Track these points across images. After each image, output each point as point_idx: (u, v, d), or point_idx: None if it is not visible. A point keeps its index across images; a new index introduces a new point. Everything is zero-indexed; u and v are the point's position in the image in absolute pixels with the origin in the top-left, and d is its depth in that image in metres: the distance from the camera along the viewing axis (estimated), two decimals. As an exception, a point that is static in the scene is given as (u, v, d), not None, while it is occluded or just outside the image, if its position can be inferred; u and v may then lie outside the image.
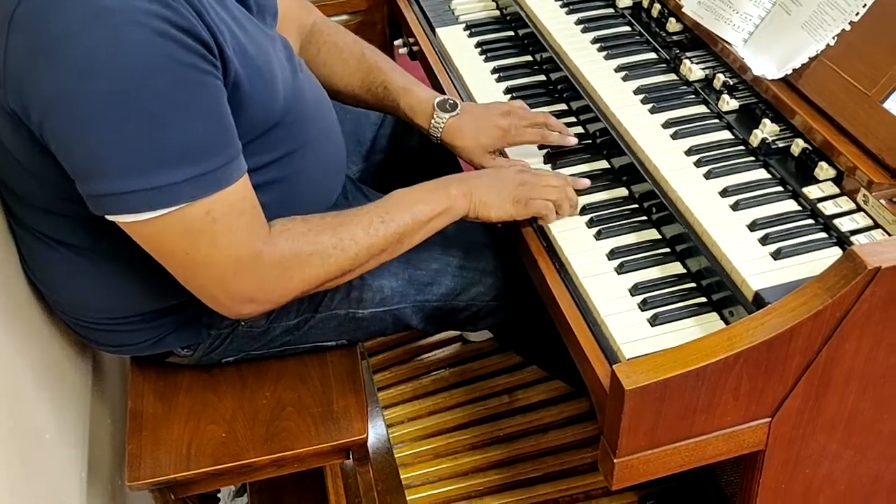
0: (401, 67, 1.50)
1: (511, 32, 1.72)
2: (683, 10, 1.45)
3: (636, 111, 1.37)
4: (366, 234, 1.19)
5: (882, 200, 1.12)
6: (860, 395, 1.07)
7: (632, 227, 1.27)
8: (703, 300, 1.15)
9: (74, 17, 0.94)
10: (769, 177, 1.24)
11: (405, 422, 1.88)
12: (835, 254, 1.12)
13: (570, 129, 1.44)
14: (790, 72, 1.28)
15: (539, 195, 1.26)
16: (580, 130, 1.46)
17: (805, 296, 0.97)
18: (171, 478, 1.30)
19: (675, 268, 1.21)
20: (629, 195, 1.33)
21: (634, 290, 1.16)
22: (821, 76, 1.25)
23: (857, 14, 1.23)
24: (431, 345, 2.03)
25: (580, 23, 1.58)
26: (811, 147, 1.22)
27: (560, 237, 1.26)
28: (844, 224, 1.14)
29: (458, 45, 1.68)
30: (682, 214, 1.21)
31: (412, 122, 1.44)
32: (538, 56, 1.63)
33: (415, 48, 1.79)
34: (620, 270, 1.20)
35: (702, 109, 1.37)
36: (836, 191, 1.19)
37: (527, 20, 1.64)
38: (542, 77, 1.59)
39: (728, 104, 1.34)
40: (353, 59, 1.50)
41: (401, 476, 1.76)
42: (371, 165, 1.65)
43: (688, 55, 1.43)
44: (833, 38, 1.25)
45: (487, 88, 1.56)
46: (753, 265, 1.11)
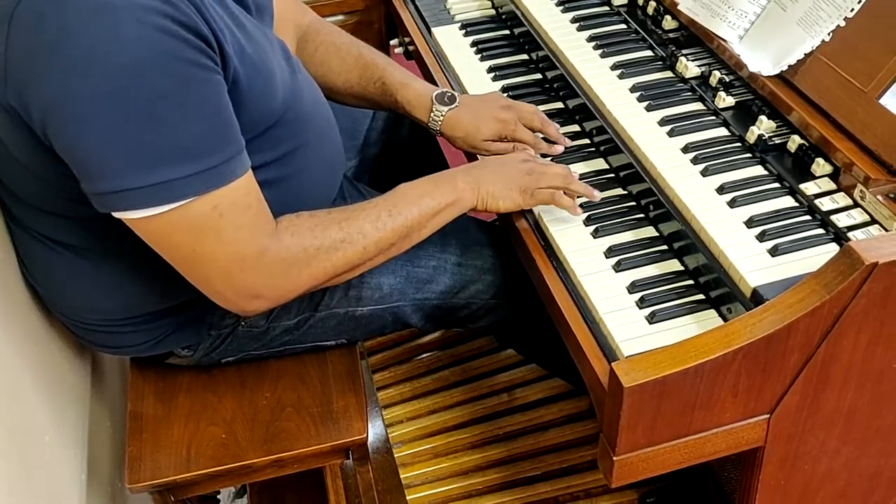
0: (396, 63, 1.50)
1: (507, 31, 1.72)
2: (679, 8, 1.45)
3: (632, 109, 1.37)
4: (374, 228, 1.19)
5: (879, 196, 1.12)
6: (858, 392, 1.07)
7: (629, 225, 1.27)
8: (701, 297, 1.15)
9: (74, 14, 0.94)
10: (766, 173, 1.24)
11: (404, 421, 1.88)
12: (832, 250, 1.12)
13: (566, 128, 1.44)
14: (786, 68, 1.28)
15: (546, 183, 1.26)
16: (577, 129, 1.46)
17: (803, 292, 0.97)
18: (172, 479, 1.30)
19: (673, 265, 1.21)
20: (626, 193, 1.33)
21: (632, 288, 1.16)
22: (817, 72, 1.25)
23: (852, 10, 1.23)
24: (430, 344, 2.03)
25: (576, 21, 1.58)
26: (808, 143, 1.23)
27: (557, 235, 1.26)
28: (841, 220, 1.14)
29: (454, 45, 1.68)
30: (680, 212, 1.21)
31: (411, 117, 1.44)
32: (534, 55, 1.63)
33: (411, 48, 1.79)
34: (618, 268, 1.20)
35: (698, 106, 1.37)
36: (833, 187, 1.19)
37: (522, 19, 1.64)
38: (538, 76, 1.59)
39: (724, 101, 1.34)
40: (351, 58, 1.50)
41: (400, 475, 1.76)
42: (365, 159, 1.66)
43: (683, 52, 1.43)
44: (828, 34, 1.25)
45: (484, 87, 1.56)
46: (751, 262, 1.11)
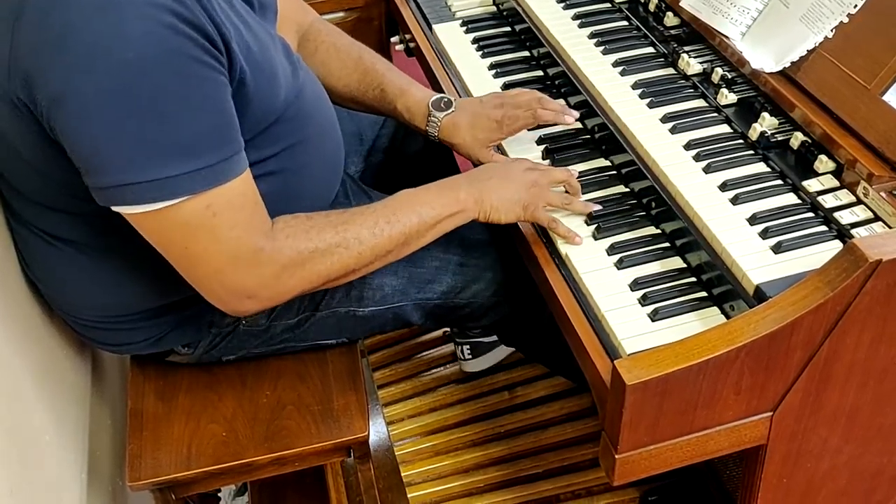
0: (397, 68, 1.49)
1: (508, 28, 1.71)
2: (681, 4, 1.45)
3: (634, 106, 1.37)
4: (371, 235, 1.18)
5: (882, 193, 1.12)
6: (861, 389, 1.07)
7: (631, 223, 1.26)
8: (704, 295, 1.15)
9: (79, 11, 0.95)
10: (769, 170, 1.24)
11: (405, 419, 1.88)
12: (835, 247, 1.11)
13: (568, 126, 1.43)
14: (788, 65, 1.27)
15: (548, 201, 1.26)
16: (578, 126, 1.45)
17: (806, 289, 0.97)
18: (172, 477, 1.30)
19: (676, 262, 1.20)
20: (628, 190, 1.33)
21: (635, 286, 1.16)
22: (819, 69, 1.24)
23: (855, 6, 1.23)
24: (431, 342, 2.03)
25: (577, 18, 1.57)
26: (810, 140, 1.22)
27: (559, 233, 1.26)
28: (845, 217, 1.13)
29: (455, 42, 1.68)
30: (682, 209, 1.21)
31: (410, 125, 1.44)
32: (535, 51, 1.62)
33: (412, 45, 1.79)
34: (620, 266, 1.19)
35: (700, 103, 1.36)
36: (836, 184, 1.18)
37: (524, 15, 1.64)
38: (540, 72, 1.59)
39: (726, 98, 1.33)
40: (351, 61, 1.49)
41: (401, 473, 1.76)
42: (371, 165, 1.65)
43: (686, 49, 1.43)
44: (831, 31, 1.25)
45: (485, 85, 1.56)
46: (754, 259, 1.10)
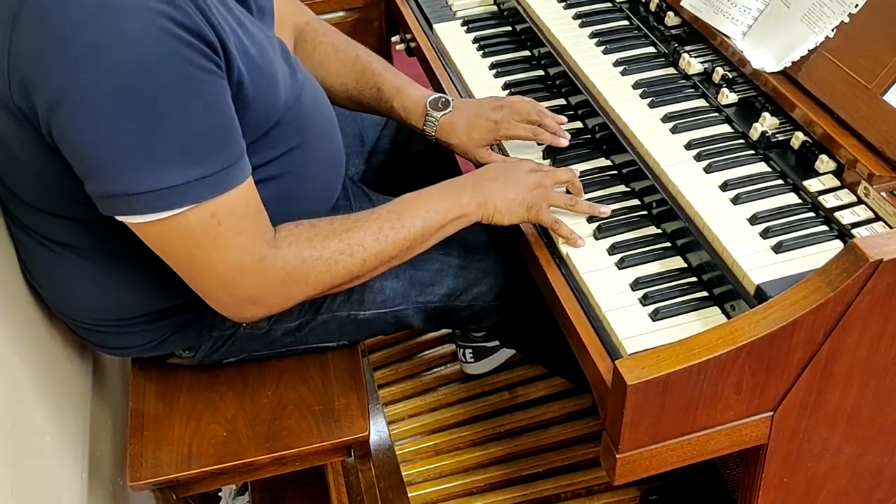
0: (394, 67, 1.49)
1: (508, 28, 1.71)
2: (682, 4, 1.45)
3: (635, 105, 1.37)
4: (375, 241, 1.18)
5: (883, 193, 1.12)
6: (862, 389, 1.07)
7: (632, 223, 1.26)
8: (705, 294, 1.15)
9: (79, 12, 0.94)
10: (769, 170, 1.24)
11: (406, 419, 1.88)
12: (836, 247, 1.11)
13: (569, 125, 1.43)
14: (789, 65, 1.27)
15: (552, 202, 1.25)
16: (579, 125, 1.45)
17: (807, 289, 0.97)
18: (173, 477, 1.30)
19: (676, 262, 1.20)
20: (629, 190, 1.33)
21: (635, 285, 1.16)
22: (820, 69, 1.24)
23: (856, 6, 1.23)
24: (432, 341, 2.03)
25: (578, 17, 1.57)
26: (811, 140, 1.22)
27: (560, 233, 1.26)
28: (845, 217, 1.13)
29: (456, 42, 1.68)
30: (683, 209, 1.21)
31: (407, 124, 1.43)
32: (536, 51, 1.62)
33: (412, 45, 1.79)
34: (621, 265, 1.19)
35: (701, 103, 1.36)
36: (837, 183, 1.18)
37: (524, 15, 1.64)
38: (541, 72, 1.59)
39: (727, 98, 1.33)
40: (349, 60, 1.49)
41: (402, 473, 1.76)
42: (372, 167, 1.65)
43: (686, 49, 1.43)
44: (832, 31, 1.25)
45: (486, 84, 1.56)
46: (755, 259, 1.10)
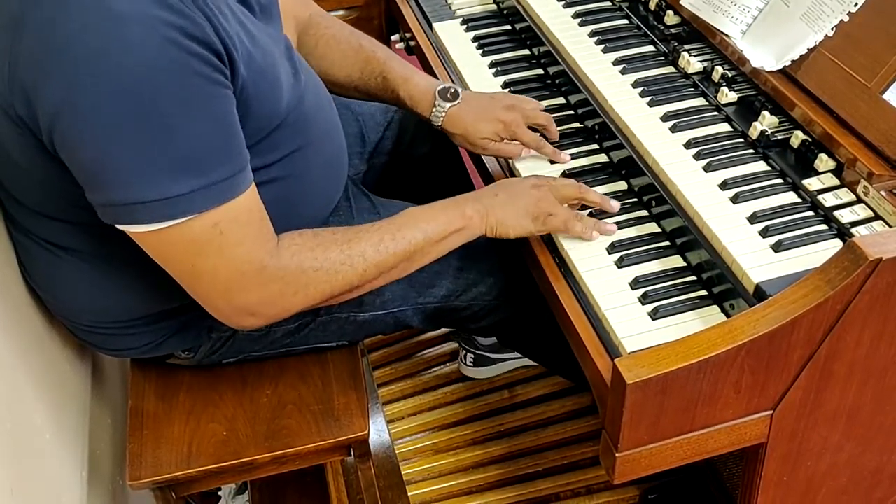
0: (398, 56, 1.49)
1: (508, 26, 1.71)
2: (681, 3, 1.45)
3: (635, 104, 1.37)
4: (375, 252, 1.18)
5: (882, 192, 1.12)
6: (862, 388, 1.07)
7: (632, 221, 1.26)
8: (704, 293, 1.15)
9: (83, 22, 0.93)
10: (769, 169, 1.24)
11: (405, 418, 1.88)
12: (835, 245, 1.11)
13: (567, 124, 1.43)
14: (789, 63, 1.27)
15: (557, 211, 1.24)
16: (578, 124, 1.45)
17: (806, 288, 0.97)
18: (173, 476, 1.30)
19: (676, 261, 1.20)
20: (629, 189, 1.33)
21: (635, 284, 1.16)
22: (820, 68, 1.24)
23: (856, 5, 1.23)
24: (431, 340, 2.03)
25: (578, 16, 1.57)
26: (811, 139, 1.22)
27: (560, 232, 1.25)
28: (845, 216, 1.13)
29: (456, 40, 1.68)
30: (682, 207, 1.21)
31: (413, 112, 1.43)
32: (536, 50, 1.62)
33: (412, 43, 1.79)
34: (621, 264, 1.19)
35: (700, 102, 1.36)
36: (837, 182, 1.18)
37: (524, 14, 1.64)
38: (540, 71, 1.59)
39: (727, 96, 1.33)
40: (352, 51, 1.49)
41: (402, 472, 1.76)
42: (373, 168, 1.64)
43: (686, 48, 1.43)
44: (832, 30, 1.25)
45: (485, 83, 1.55)
46: (754, 258, 1.10)
